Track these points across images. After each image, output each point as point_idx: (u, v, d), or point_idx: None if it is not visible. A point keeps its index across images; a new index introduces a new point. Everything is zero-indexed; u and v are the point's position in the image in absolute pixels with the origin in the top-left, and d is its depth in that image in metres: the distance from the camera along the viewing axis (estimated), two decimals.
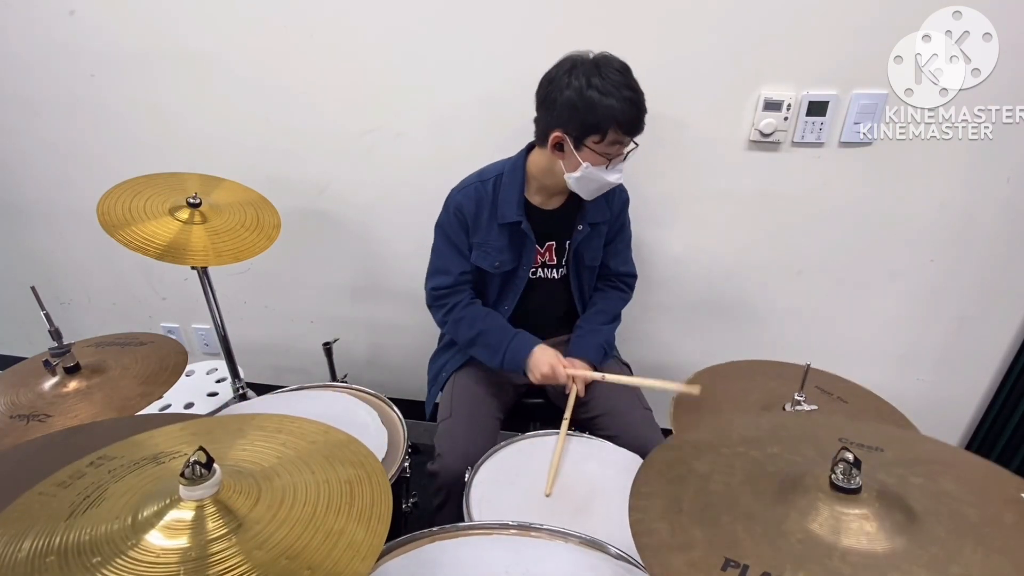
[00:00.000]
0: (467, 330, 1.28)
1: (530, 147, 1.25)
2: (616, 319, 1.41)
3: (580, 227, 1.28)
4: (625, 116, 1.06)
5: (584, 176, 1.14)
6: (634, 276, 1.45)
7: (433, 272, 1.32)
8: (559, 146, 1.13)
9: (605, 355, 1.35)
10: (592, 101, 1.05)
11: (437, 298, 1.31)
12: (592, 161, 1.11)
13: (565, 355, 1.32)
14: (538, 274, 1.33)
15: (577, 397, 1.24)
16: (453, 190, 1.28)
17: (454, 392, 1.31)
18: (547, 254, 1.31)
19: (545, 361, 1.22)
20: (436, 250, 1.31)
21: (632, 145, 1.15)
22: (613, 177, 1.14)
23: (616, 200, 1.32)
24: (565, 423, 1.14)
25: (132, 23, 1.54)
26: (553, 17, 1.35)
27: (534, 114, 1.17)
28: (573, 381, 1.26)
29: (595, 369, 1.31)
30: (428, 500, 1.19)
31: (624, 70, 1.08)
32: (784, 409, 0.99)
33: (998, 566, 0.51)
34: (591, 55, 1.09)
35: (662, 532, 0.57)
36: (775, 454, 0.68)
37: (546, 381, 1.24)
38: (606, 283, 1.42)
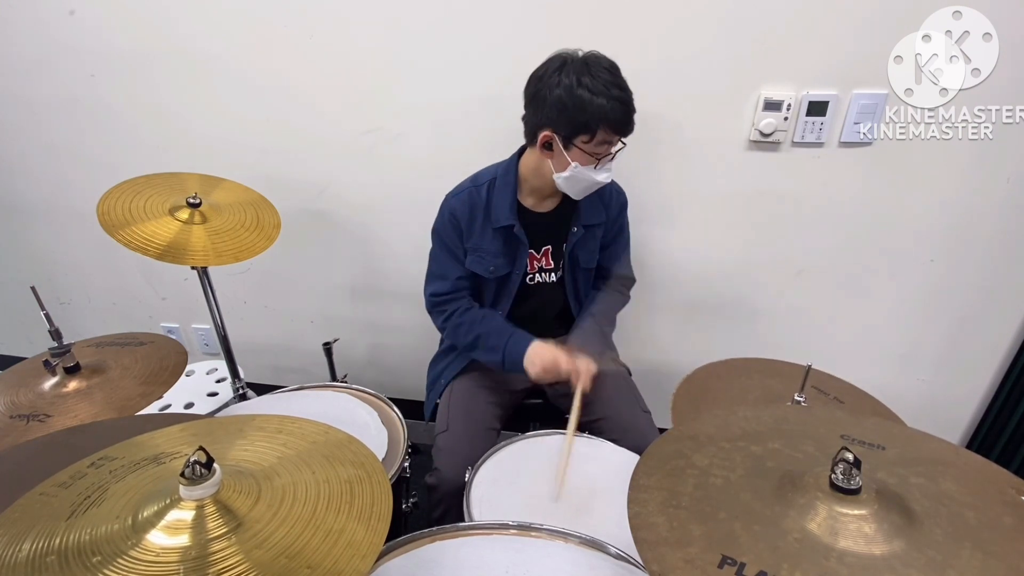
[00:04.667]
0: (466, 335, 1.27)
1: (522, 149, 1.24)
2: (613, 323, 1.40)
3: (575, 229, 1.27)
4: (615, 116, 1.05)
5: (573, 176, 1.13)
6: (632, 280, 1.44)
7: (431, 278, 1.31)
8: (548, 145, 1.12)
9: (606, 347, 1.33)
10: (582, 100, 1.04)
11: (436, 304, 1.30)
12: (581, 161, 1.10)
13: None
14: (536, 279, 1.32)
15: (583, 395, 1.21)
16: (448, 195, 1.27)
17: (451, 402, 1.30)
18: (544, 259, 1.30)
19: (545, 352, 1.19)
20: (434, 256, 1.31)
21: (620, 145, 1.14)
22: (602, 176, 1.13)
23: (613, 203, 1.31)
24: (572, 425, 1.12)
25: (132, 23, 1.54)
26: (553, 17, 1.35)
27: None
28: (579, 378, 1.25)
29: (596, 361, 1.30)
30: (428, 508, 1.19)
31: (613, 69, 1.07)
32: None
33: (995, 571, 0.51)
34: (580, 53, 1.08)
35: (660, 527, 0.57)
36: (775, 449, 0.68)
37: (547, 375, 1.18)
38: (605, 284, 1.41)
